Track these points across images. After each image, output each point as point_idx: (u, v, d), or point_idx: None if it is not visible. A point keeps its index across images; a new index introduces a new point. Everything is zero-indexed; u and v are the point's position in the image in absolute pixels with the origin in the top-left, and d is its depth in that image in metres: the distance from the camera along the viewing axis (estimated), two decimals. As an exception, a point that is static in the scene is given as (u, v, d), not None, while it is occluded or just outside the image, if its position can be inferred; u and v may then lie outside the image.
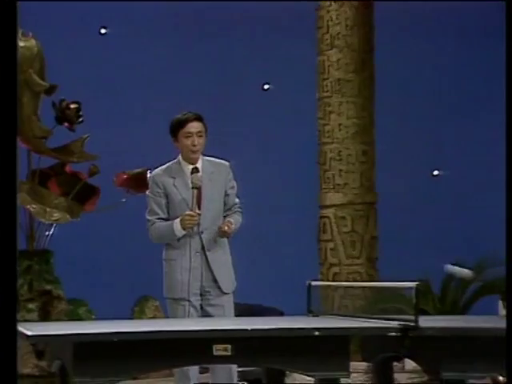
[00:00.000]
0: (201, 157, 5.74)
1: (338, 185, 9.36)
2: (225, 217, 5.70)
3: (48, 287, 7.97)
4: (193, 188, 5.62)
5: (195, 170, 5.67)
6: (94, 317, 7.94)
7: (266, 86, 10.50)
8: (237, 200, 5.79)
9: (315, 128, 9.48)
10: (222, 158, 5.81)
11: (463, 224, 10.01)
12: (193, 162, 5.69)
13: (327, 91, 9.44)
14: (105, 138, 8.63)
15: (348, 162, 9.35)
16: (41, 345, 4.84)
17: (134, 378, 6.35)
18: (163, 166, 5.79)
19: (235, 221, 5.70)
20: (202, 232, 5.62)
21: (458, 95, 10.45)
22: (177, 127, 5.71)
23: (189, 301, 5.56)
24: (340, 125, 9.38)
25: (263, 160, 10.15)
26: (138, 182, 8.11)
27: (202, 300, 5.62)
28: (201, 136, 5.68)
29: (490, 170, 10.30)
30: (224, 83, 9.86)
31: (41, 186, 8.08)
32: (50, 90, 8.15)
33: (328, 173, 9.42)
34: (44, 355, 5.79)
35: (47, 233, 8.15)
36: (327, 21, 9.45)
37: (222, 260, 5.68)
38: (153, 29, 9.97)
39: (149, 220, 5.74)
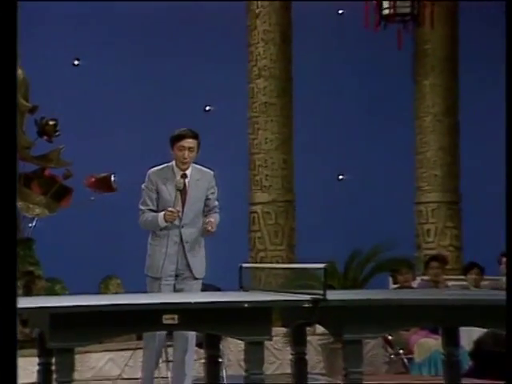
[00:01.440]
0: (191, 164, 5.63)
1: (265, 186, 9.42)
2: (205, 216, 5.60)
3: (30, 268, 7.88)
4: (176, 190, 5.53)
5: (183, 176, 5.58)
6: (67, 292, 7.86)
7: (207, 108, 10.52)
8: (216, 202, 5.68)
9: (246, 141, 9.52)
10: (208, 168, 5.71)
11: (362, 217, 10.13)
12: (183, 169, 5.60)
13: (256, 112, 9.49)
14: (77, 148, 8.56)
15: (272, 168, 9.41)
16: (25, 315, 4.78)
17: (100, 342, 6.31)
18: (159, 167, 5.64)
19: (215, 219, 5.60)
20: (183, 226, 5.51)
21: (363, 113, 10.53)
22: (174, 140, 5.57)
23: (164, 280, 5.43)
24: (266, 139, 9.43)
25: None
26: (104, 184, 8.07)
27: (176, 280, 5.51)
28: (192, 151, 5.55)
29: (384, 174, 10.43)
30: (173, 106, 9.83)
31: (25, 187, 7.99)
32: (32, 110, 8.07)
33: (256, 177, 9.47)
34: (27, 324, 5.73)
35: (30, 225, 8.07)
36: (256, 55, 9.50)
37: (197, 250, 5.56)
38: (113, 60, 9.92)
39: (141, 209, 5.59)
